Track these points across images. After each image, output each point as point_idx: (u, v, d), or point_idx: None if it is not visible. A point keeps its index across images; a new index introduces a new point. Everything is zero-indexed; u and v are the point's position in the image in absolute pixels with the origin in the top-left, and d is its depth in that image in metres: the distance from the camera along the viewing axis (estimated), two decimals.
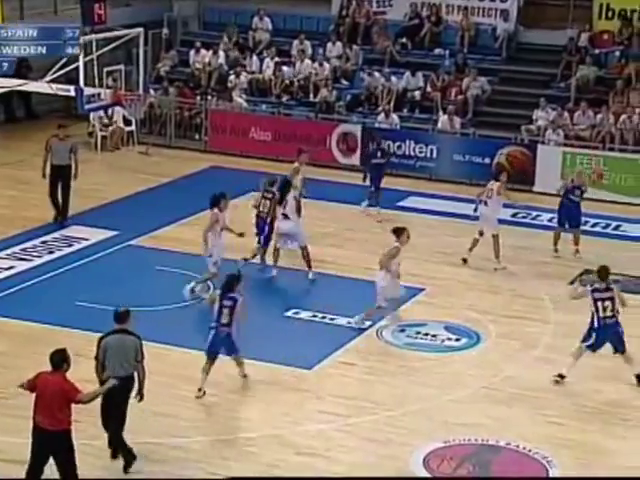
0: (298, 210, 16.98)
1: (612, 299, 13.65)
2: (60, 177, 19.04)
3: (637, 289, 16.86)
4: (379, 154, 20.76)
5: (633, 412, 13.21)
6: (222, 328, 12.92)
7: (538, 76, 24.90)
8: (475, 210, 17.95)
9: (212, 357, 13.01)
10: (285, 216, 16.87)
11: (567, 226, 18.61)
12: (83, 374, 12.39)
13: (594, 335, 13.68)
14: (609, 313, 13.63)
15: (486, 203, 17.72)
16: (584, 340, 13.76)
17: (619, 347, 13.67)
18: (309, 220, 17.81)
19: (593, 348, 13.77)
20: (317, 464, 11.76)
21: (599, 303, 13.62)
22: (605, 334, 13.67)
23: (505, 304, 16.39)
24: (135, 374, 11.29)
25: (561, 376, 13.77)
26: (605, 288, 13.70)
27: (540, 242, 19.23)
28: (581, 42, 24.84)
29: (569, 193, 18.66)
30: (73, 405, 10.31)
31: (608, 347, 13.81)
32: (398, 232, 15.00)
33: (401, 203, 21.23)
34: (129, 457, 11.33)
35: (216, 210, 15.86)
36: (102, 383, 11.07)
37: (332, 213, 20.03)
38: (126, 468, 11.33)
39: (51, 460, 10.39)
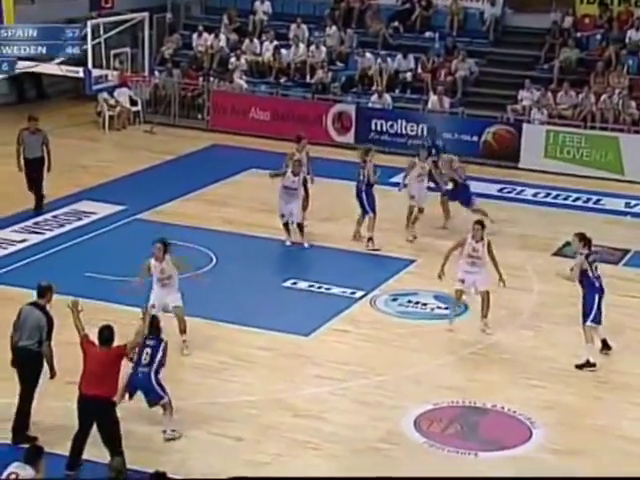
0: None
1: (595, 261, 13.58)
2: (33, 170, 18.03)
3: (614, 259, 16.97)
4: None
5: (609, 375, 13.30)
6: (141, 369, 11.43)
7: (523, 58, 24.83)
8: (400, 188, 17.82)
9: (131, 395, 11.52)
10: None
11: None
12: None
13: (595, 306, 13.33)
14: (598, 273, 13.56)
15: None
16: (586, 318, 13.36)
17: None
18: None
19: (598, 320, 13.40)
20: (313, 425, 11.83)
21: (594, 265, 13.50)
22: (603, 295, 13.47)
23: (490, 275, 16.40)
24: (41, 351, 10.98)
25: (590, 364, 13.29)
26: (593, 252, 13.62)
27: (524, 215, 19.25)
28: (564, 25, 24.76)
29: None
30: None
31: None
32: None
33: (394, 179, 21.19)
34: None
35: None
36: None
37: (327, 189, 20.01)
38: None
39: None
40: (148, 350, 11.40)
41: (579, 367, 13.34)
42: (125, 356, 10.70)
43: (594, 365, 13.33)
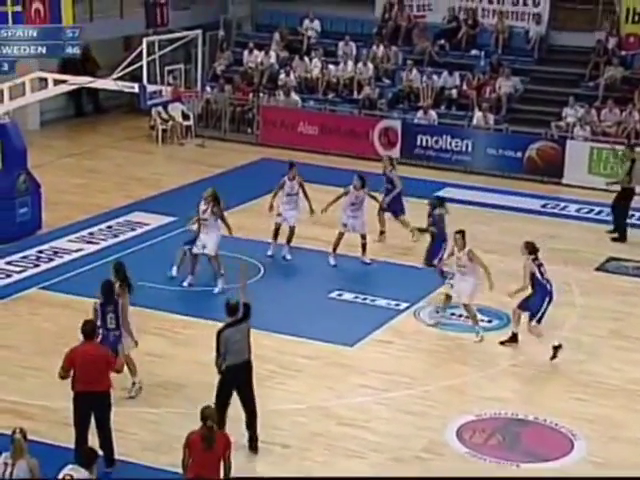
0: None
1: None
2: None
3: None
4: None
5: None
6: (112, 333, 11.78)
7: (567, 76, 24.68)
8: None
9: None
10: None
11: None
12: (142, 347, 12.62)
13: (543, 309, 13.66)
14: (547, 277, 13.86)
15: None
16: (533, 318, 13.73)
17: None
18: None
19: (539, 320, 13.74)
20: (357, 434, 11.82)
21: (542, 269, 13.78)
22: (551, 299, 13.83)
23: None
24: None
25: (557, 347, 13.68)
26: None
27: (567, 231, 19.11)
28: (608, 44, 24.59)
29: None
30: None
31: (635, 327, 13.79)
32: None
33: (437, 193, 21.11)
34: None
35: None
36: (221, 373, 10.98)
37: (373, 203, 19.98)
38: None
39: None
40: (111, 315, 11.67)
41: (554, 356, 13.60)
42: (112, 368, 10.67)
43: (560, 346, 13.61)
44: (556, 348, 13.65)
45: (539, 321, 13.74)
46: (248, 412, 11.25)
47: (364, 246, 17.03)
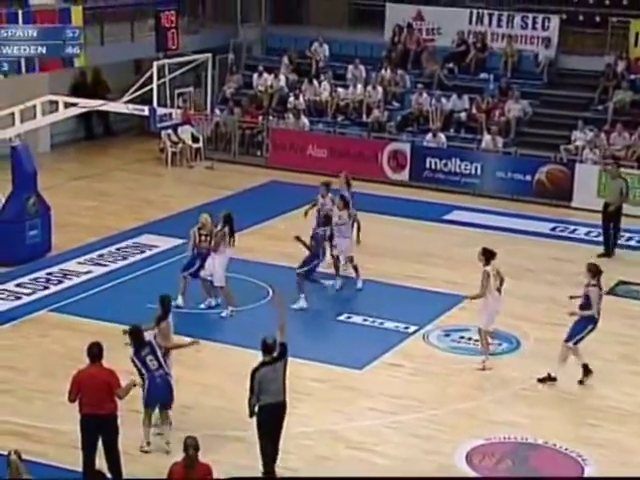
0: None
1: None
2: None
3: None
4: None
5: None
6: (157, 373, 11.54)
7: (577, 99, 24.69)
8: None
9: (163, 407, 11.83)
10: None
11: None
12: None
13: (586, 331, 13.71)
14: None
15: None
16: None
17: None
18: (362, 232, 17.83)
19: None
20: (366, 457, 11.76)
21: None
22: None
23: (543, 311, 16.27)
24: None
25: (551, 378, 13.72)
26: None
27: (577, 254, 19.05)
28: (618, 68, 24.61)
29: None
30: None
31: None
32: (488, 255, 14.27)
33: (446, 217, 21.18)
34: None
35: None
36: (252, 413, 10.76)
37: (382, 225, 20.01)
38: None
39: None
40: (150, 357, 11.42)
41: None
42: (115, 392, 10.54)
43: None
44: (549, 379, 13.66)
45: (576, 343, 13.70)
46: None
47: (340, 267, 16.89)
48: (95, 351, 10.56)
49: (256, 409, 10.79)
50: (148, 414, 11.63)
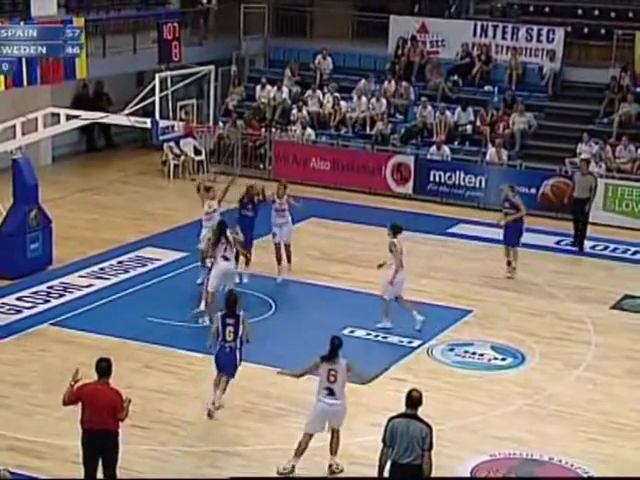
0: None
1: None
2: None
3: None
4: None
5: None
6: (227, 344, 12.53)
7: (582, 112, 24.73)
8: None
9: (220, 370, 12.74)
10: None
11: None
12: (150, 384, 12.59)
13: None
14: None
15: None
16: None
17: None
18: (364, 245, 17.84)
19: None
20: (370, 473, 11.71)
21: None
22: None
23: (548, 326, 16.25)
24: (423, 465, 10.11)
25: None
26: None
27: (582, 268, 19.05)
28: (623, 81, 24.64)
29: (242, 208, 18.11)
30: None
31: None
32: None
33: (451, 230, 21.19)
34: None
35: None
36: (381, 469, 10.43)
37: (385, 238, 19.99)
38: None
39: None
40: (230, 328, 12.36)
41: None
42: (117, 415, 10.32)
43: None
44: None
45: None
46: None
47: (289, 257, 17.45)
48: (104, 366, 10.39)
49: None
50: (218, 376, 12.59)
